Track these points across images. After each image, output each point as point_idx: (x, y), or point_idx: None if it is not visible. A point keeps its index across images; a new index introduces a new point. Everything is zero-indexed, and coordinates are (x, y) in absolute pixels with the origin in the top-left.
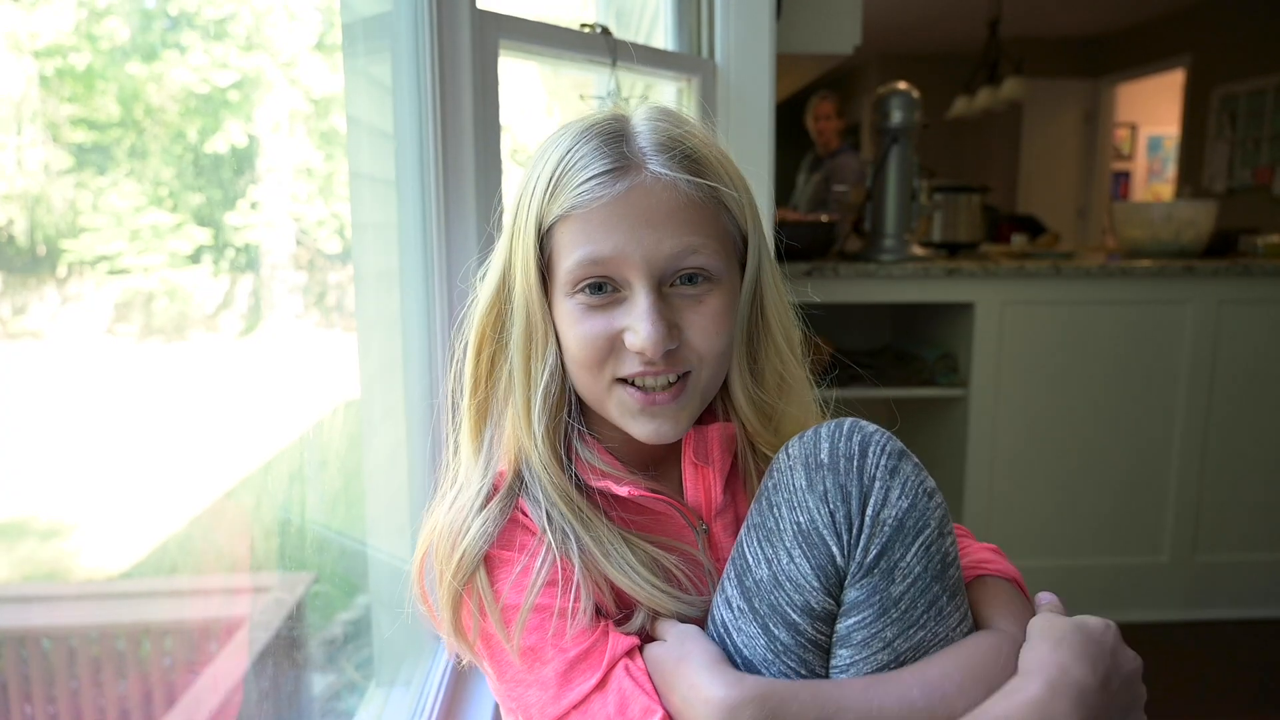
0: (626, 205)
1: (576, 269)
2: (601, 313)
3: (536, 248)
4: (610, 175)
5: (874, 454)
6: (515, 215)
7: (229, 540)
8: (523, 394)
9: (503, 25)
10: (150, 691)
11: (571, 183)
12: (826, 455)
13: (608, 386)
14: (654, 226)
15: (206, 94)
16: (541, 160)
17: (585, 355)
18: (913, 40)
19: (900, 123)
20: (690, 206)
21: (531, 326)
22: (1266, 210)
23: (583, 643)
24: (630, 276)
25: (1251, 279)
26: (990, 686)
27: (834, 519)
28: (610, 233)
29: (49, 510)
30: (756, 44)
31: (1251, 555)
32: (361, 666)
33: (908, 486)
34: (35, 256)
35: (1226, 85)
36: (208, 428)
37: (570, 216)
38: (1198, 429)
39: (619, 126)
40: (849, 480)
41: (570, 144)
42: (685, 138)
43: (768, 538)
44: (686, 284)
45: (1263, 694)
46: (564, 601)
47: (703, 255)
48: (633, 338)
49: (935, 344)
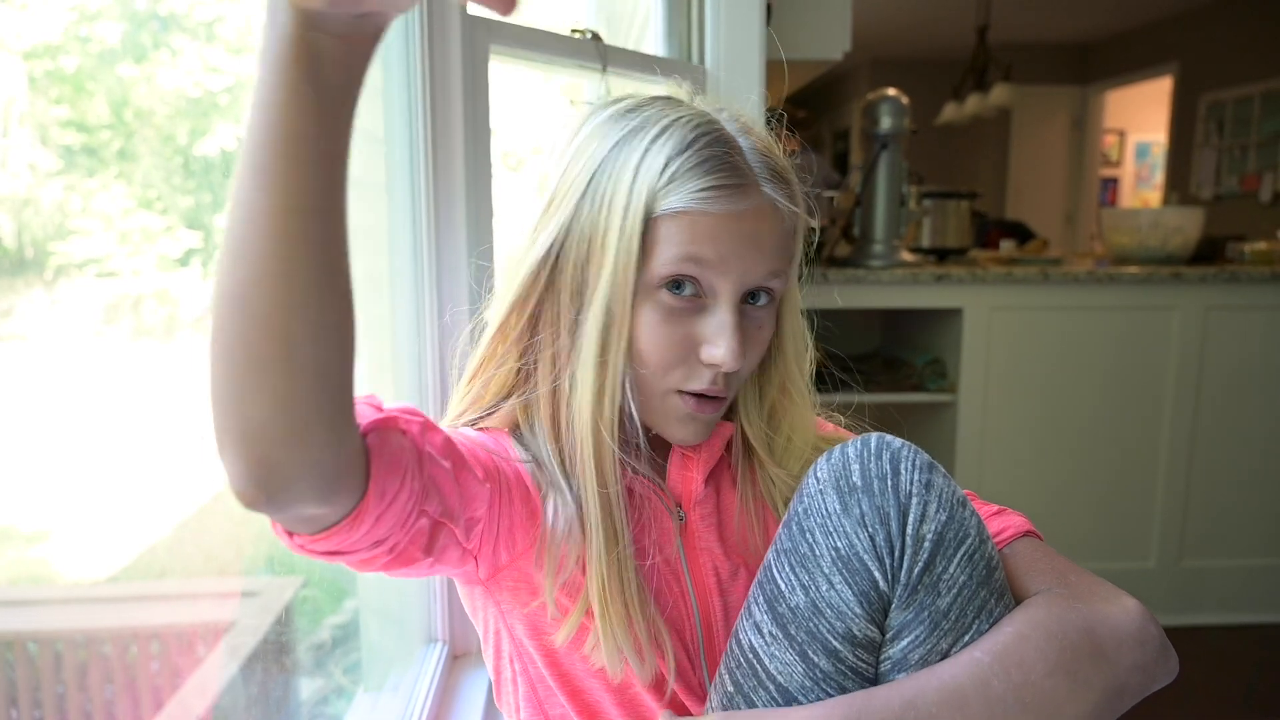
0: (741, 222)
1: (675, 263)
2: (681, 318)
3: (641, 233)
4: (731, 190)
5: (906, 470)
6: (608, 190)
7: (217, 544)
8: (594, 381)
9: (493, 31)
10: (137, 696)
11: (690, 184)
12: (859, 477)
13: (664, 392)
14: (758, 248)
15: (197, 97)
16: (641, 144)
17: (658, 358)
18: (902, 46)
19: (889, 128)
20: (784, 235)
21: (616, 314)
22: (1253, 217)
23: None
24: (719, 287)
25: (1238, 285)
26: (1054, 636)
27: (874, 543)
28: (718, 242)
29: (35, 514)
30: (746, 50)
31: (1238, 560)
32: (350, 671)
33: (943, 499)
34: (23, 259)
35: (1214, 92)
36: (196, 431)
37: (683, 215)
38: (1185, 435)
39: (719, 132)
40: (885, 501)
41: (680, 141)
42: (775, 154)
43: (802, 564)
44: (753, 302)
45: (1249, 699)
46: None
47: (782, 279)
48: (713, 350)
49: (924, 349)
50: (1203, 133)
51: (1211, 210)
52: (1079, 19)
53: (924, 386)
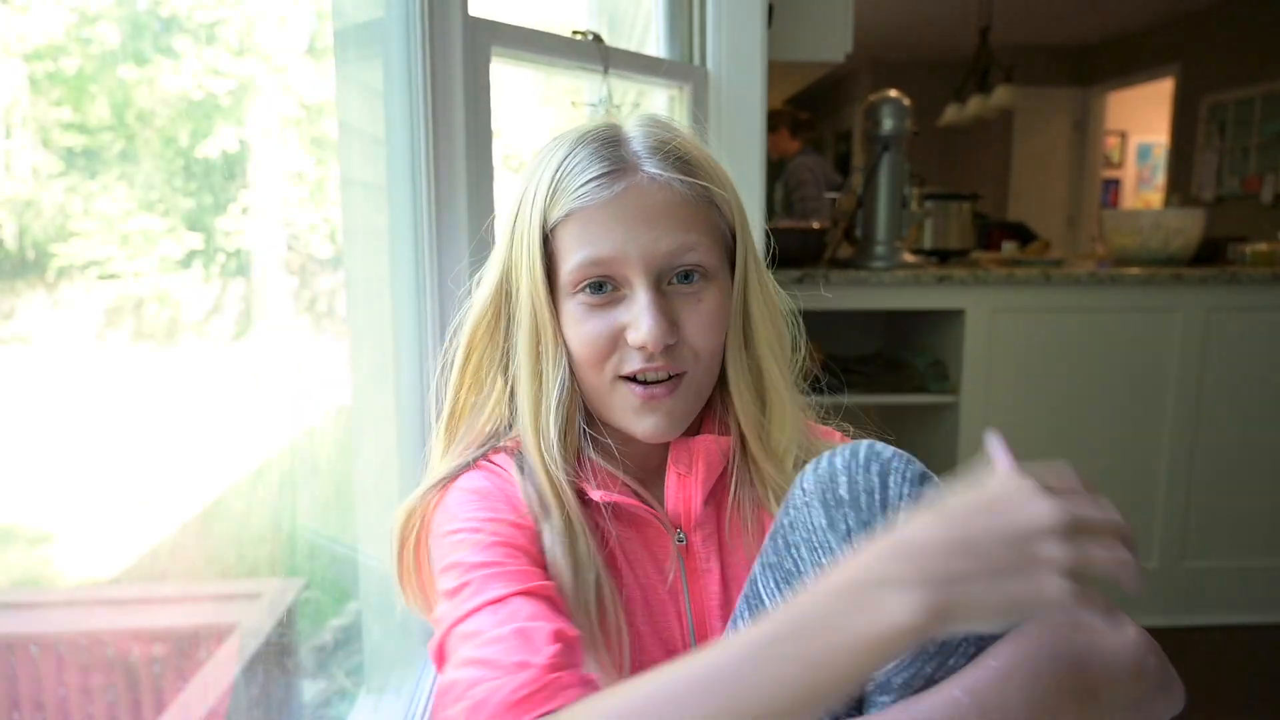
0: (623, 205)
1: (578, 270)
2: (603, 311)
3: (541, 249)
4: (607, 177)
5: (895, 483)
6: (515, 221)
7: (219, 546)
8: (532, 396)
9: (495, 32)
10: (139, 699)
11: (570, 186)
12: (846, 490)
13: (610, 384)
14: (651, 225)
15: (199, 99)
16: (540, 167)
17: (588, 353)
18: (904, 48)
19: (891, 130)
20: (684, 205)
21: (539, 328)
22: (1255, 218)
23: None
24: (630, 275)
25: (1240, 287)
26: (1041, 678)
27: None
28: (609, 233)
29: (37, 516)
30: (748, 51)
31: (1240, 561)
32: (352, 673)
33: None
34: (25, 261)
35: (1215, 94)
36: (198, 433)
37: (570, 219)
38: (1187, 436)
39: (613, 133)
40: (872, 516)
41: (568, 150)
42: (676, 141)
43: (787, 579)
44: (684, 282)
45: (1252, 699)
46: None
47: (698, 252)
48: (634, 333)
49: (926, 351)
50: (1204, 134)
51: (1213, 212)
52: (1081, 21)
53: (926, 388)
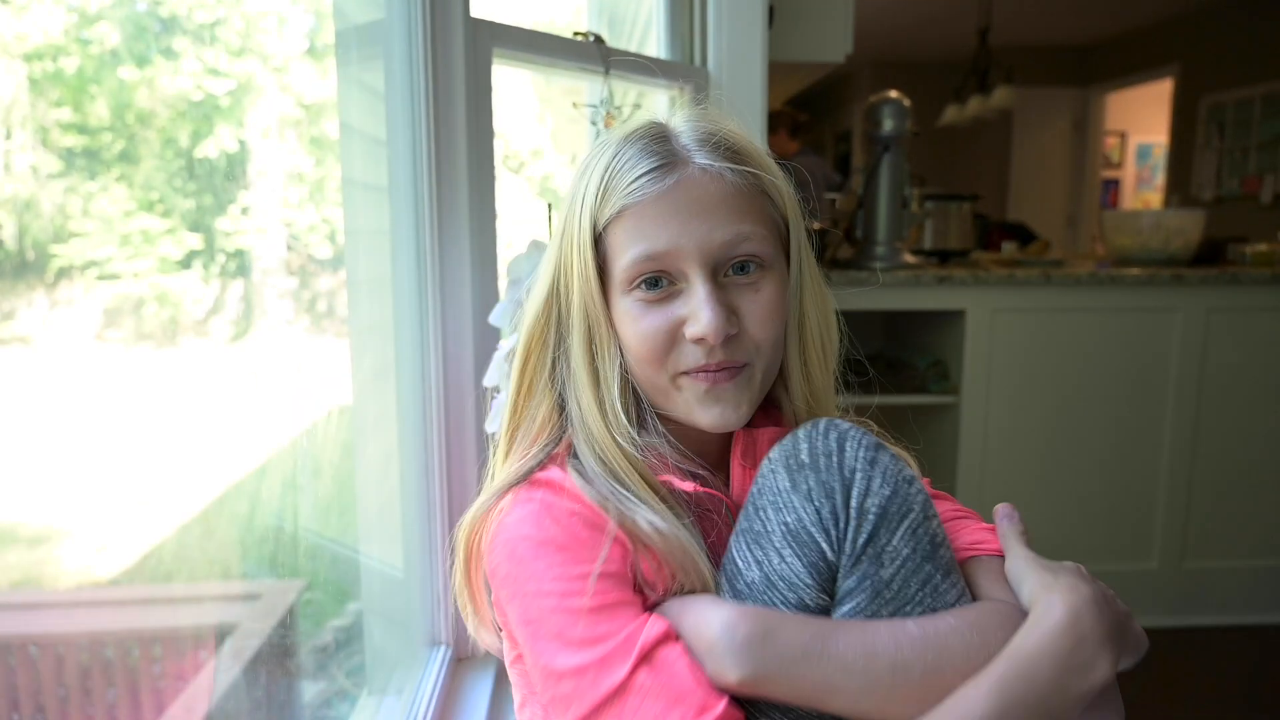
0: (676, 199)
1: (632, 266)
2: (659, 307)
3: (593, 250)
4: (658, 171)
5: (852, 447)
6: (565, 224)
7: (220, 547)
8: (592, 394)
9: (496, 34)
10: (139, 699)
11: (621, 183)
12: (807, 455)
13: (670, 381)
14: (705, 217)
15: (198, 100)
16: (589, 168)
17: (646, 350)
18: (904, 48)
19: (891, 131)
20: (737, 195)
21: (593, 328)
22: (1254, 219)
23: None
24: (686, 268)
25: (1239, 287)
26: (988, 638)
27: (820, 515)
28: (663, 227)
29: (37, 516)
30: (748, 52)
31: (1240, 561)
32: (353, 674)
33: (888, 475)
34: (24, 261)
35: (1214, 94)
36: (199, 434)
37: (623, 216)
38: (1187, 436)
39: (659, 128)
40: (831, 476)
41: (616, 149)
42: (724, 131)
43: (756, 541)
44: (740, 273)
45: (1251, 700)
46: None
47: (754, 242)
48: (693, 326)
49: (926, 351)
50: (1204, 135)
51: (1212, 212)
52: (1080, 21)
53: (926, 388)
